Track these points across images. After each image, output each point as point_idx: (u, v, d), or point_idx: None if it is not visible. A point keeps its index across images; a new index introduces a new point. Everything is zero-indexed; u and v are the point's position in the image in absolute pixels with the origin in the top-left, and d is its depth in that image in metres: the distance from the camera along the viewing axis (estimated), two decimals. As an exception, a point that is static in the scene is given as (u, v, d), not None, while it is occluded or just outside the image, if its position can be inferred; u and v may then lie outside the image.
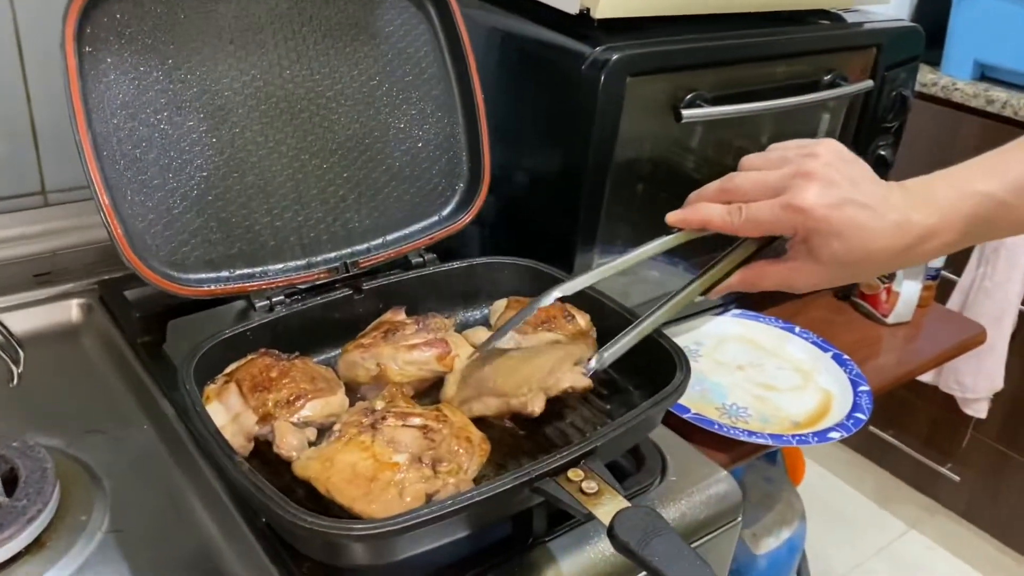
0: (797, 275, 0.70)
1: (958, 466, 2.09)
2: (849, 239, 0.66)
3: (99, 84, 0.74)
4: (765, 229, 0.70)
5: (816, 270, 0.69)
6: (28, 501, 0.69)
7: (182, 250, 0.80)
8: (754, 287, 0.73)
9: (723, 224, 0.72)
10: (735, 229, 0.71)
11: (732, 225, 0.71)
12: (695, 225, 0.74)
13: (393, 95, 0.90)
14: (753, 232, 0.71)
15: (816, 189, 0.66)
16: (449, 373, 0.80)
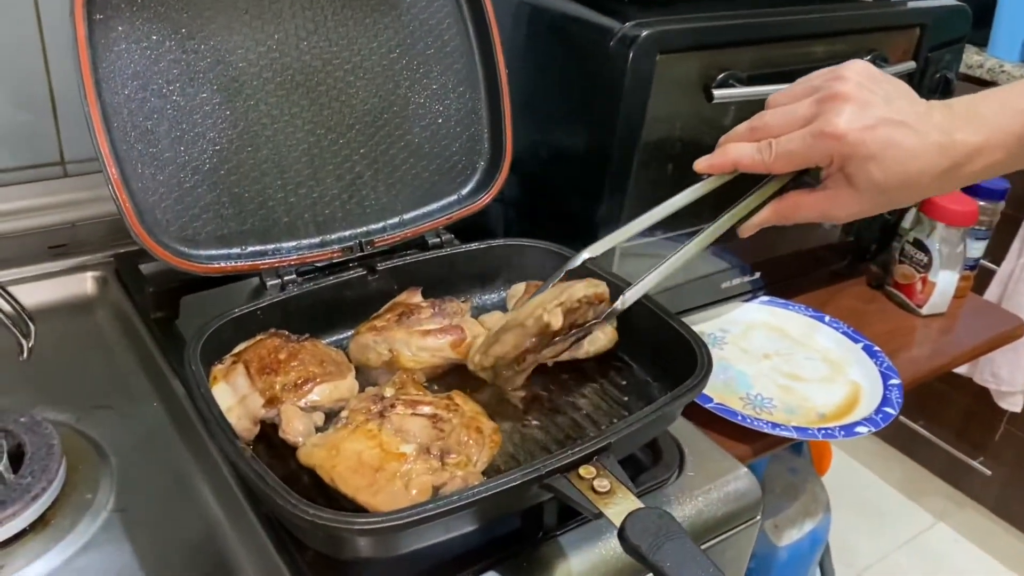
0: (834, 204, 0.66)
1: (990, 460, 2.05)
2: (887, 161, 0.62)
3: (109, 53, 0.72)
4: (798, 162, 0.66)
5: (854, 197, 0.65)
6: (33, 478, 0.69)
7: (193, 225, 0.78)
8: (788, 219, 0.69)
9: (754, 162, 0.68)
10: (767, 166, 0.68)
11: (764, 162, 0.67)
12: (726, 168, 0.70)
13: (413, 68, 0.87)
14: (786, 167, 0.67)
15: (849, 112, 0.62)
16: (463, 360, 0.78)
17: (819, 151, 0.64)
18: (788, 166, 0.67)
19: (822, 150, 0.64)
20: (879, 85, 0.64)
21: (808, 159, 0.66)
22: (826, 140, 0.63)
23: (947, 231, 1.16)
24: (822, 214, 0.67)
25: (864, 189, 0.64)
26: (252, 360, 0.71)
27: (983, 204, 1.20)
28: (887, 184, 0.63)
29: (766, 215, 0.70)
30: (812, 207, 0.67)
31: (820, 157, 0.65)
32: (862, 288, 1.26)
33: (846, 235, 1.22)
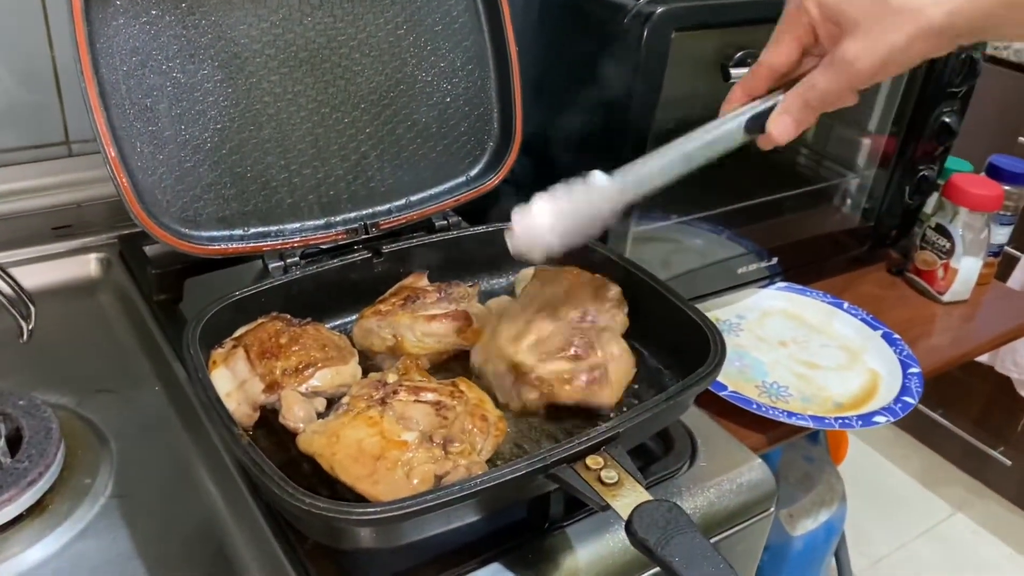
0: (845, 57, 0.59)
1: (1011, 450, 2.02)
2: None
3: (107, 28, 0.70)
4: (785, 37, 0.62)
5: (856, 35, 0.58)
6: (30, 463, 0.68)
7: (194, 206, 0.77)
8: (811, 96, 0.62)
9: (752, 74, 0.65)
10: (763, 64, 0.64)
11: (758, 64, 0.64)
12: (738, 100, 0.66)
13: (421, 45, 0.85)
14: (778, 53, 0.63)
15: None
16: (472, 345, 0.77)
17: (792, 12, 0.61)
18: (778, 48, 0.63)
19: (794, 7, 0.61)
20: None
21: (788, 30, 0.62)
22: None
23: (970, 216, 1.13)
24: (834, 64, 0.60)
25: (852, 12, 0.58)
26: (252, 344, 0.69)
27: (1008, 188, 1.17)
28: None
29: (788, 103, 0.63)
30: (823, 67, 0.61)
31: (795, 17, 0.61)
32: (882, 274, 1.24)
33: (866, 220, 1.20)
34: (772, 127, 0.63)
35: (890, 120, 1.14)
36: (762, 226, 1.10)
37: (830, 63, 0.59)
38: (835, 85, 0.60)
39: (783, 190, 1.12)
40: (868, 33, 0.57)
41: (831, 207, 1.20)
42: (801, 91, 0.62)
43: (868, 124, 1.16)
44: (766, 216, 1.11)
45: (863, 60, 0.58)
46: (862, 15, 0.57)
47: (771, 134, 0.63)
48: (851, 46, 0.58)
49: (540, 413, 0.71)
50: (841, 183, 1.20)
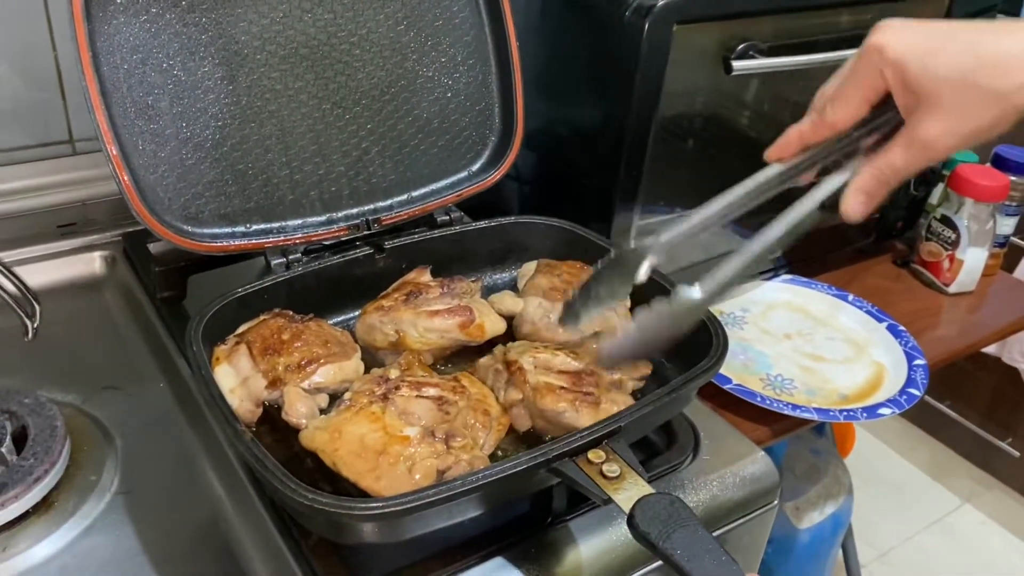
0: (921, 129, 0.56)
1: (1019, 441, 2.01)
2: (943, 52, 0.54)
3: (107, 26, 0.70)
4: (852, 95, 0.59)
5: (935, 108, 0.55)
6: (36, 460, 0.68)
7: (196, 203, 0.77)
8: (886, 173, 0.59)
9: (812, 126, 0.61)
10: (826, 120, 0.60)
11: (821, 119, 0.60)
12: (791, 145, 0.63)
13: (421, 41, 0.85)
14: (845, 112, 0.59)
15: (885, 28, 0.56)
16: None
17: (865, 72, 0.57)
18: (846, 110, 0.59)
19: (868, 68, 0.57)
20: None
21: (859, 89, 0.58)
22: (870, 55, 0.56)
23: (976, 207, 1.12)
24: (913, 144, 0.57)
25: (937, 88, 0.54)
26: (255, 341, 0.69)
27: (1014, 179, 1.17)
28: (958, 68, 0.54)
29: (863, 181, 0.59)
30: (902, 146, 0.57)
31: (868, 76, 0.57)
32: (887, 266, 1.24)
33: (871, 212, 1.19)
34: (848, 207, 0.60)
35: (895, 111, 1.13)
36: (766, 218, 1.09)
37: (909, 143, 0.56)
38: (914, 165, 0.57)
39: (787, 182, 1.12)
40: (952, 113, 0.55)
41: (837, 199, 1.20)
42: (878, 170, 0.58)
43: (872, 115, 1.16)
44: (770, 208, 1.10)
45: (946, 141, 0.56)
46: (947, 94, 0.54)
47: (847, 214, 0.60)
48: (933, 126, 0.55)
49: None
50: (846, 175, 1.19)
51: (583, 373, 0.69)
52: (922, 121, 0.55)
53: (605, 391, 0.68)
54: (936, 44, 0.54)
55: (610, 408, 0.66)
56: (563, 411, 0.66)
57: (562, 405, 0.66)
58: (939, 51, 0.54)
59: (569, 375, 0.69)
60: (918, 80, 0.54)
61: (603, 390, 0.68)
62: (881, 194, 0.59)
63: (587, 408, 0.66)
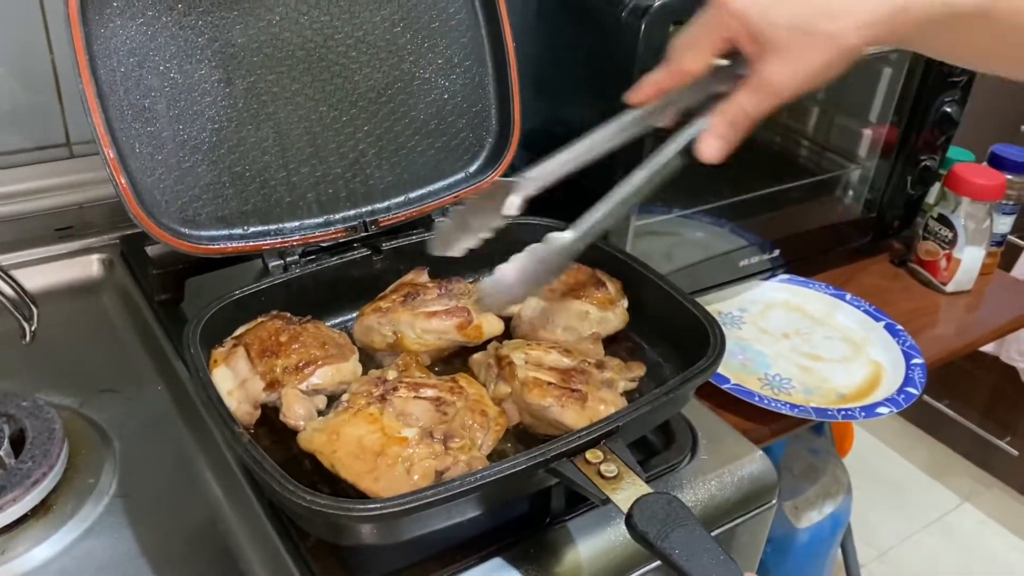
0: (768, 72, 0.60)
1: (1018, 440, 2.01)
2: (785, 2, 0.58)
3: (104, 29, 0.70)
4: (703, 47, 0.63)
5: (779, 52, 0.59)
6: (33, 463, 0.68)
7: (193, 206, 0.77)
8: (737, 116, 0.63)
9: (666, 74, 0.65)
10: (679, 68, 0.64)
11: (674, 67, 0.64)
12: (649, 93, 0.67)
13: (418, 42, 0.85)
14: (695, 60, 0.63)
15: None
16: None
17: (712, 24, 0.61)
18: (696, 57, 0.63)
19: (715, 20, 0.61)
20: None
21: (708, 37, 0.62)
22: (716, 9, 0.60)
23: (973, 206, 1.13)
24: (759, 87, 0.61)
25: (776, 34, 0.58)
26: (253, 343, 0.69)
27: (1011, 178, 1.17)
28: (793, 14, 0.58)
29: (715, 125, 0.63)
30: (750, 91, 0.61)
31: (716, 27, 0.61)
32: (885, 265, 1.24)
33: (868, 211, 1.19)
34: (704, 150, 0.64)
35: (891, 110, 1.13)
36: (764, 218, 1.10)
37: (756, 86, 0.61)
38: (762, 106, 0.61)
39: (785, 182, 1.12)
40: (792, 57, 0.58)
41: (833, 198, 1.20)
42: (730, 114, 0.62)
43: (869, 115, 1.16)
44: (768, 208, 1.10)
45: (788, 83, 0.59)
46: (787, 40, 0.58)
47: (702, 156, 0.64)
48: (777, 70, 0.59)
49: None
50: (843, 174, 1.19)
51: (574, 371, 0.69)
52: (767, 66, 0.59)
53: (594, 389, 0.68)
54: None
55: (597, 406, 0.66)
56: (548, 406, 0.66)
57: (548, 400, 0.66)
58: (778, 2, 0.58)
59: (559, 372, 0.69)
60: (760, 29, 0.59)
61: (592, 388, 0.68)
62: (734, 137, 0.63)
63: (573, 404, 0.66)
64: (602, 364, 0.72)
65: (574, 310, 0.78)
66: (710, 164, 0.64)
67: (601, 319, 0.78)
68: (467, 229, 0.71)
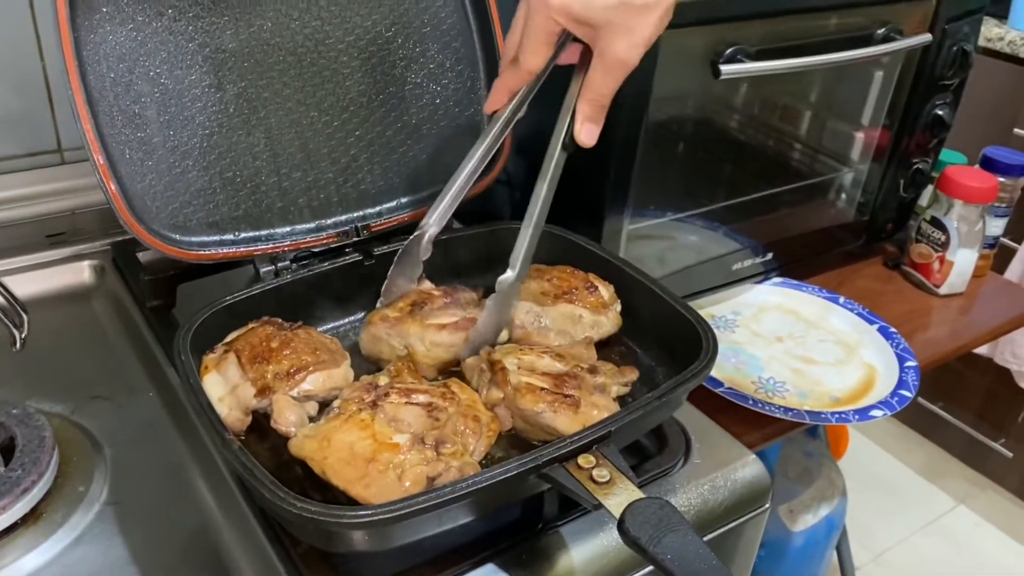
0: (607, 47, 0.65)
1: (1012, 441, 2.02)
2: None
3: (93, 35, 0.70)
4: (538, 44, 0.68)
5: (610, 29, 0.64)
6: (23, 471, 0.68)
7: (184, 211, 0.77)
8: (597, 97, 0.68)
9: (513, 76, 0.71)
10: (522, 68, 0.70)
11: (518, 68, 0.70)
12: (504, 97, 0.73)
13: (409, 47, 0.85)
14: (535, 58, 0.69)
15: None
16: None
17: (539, 23, 0.66)
18: (535, 54, 0.68)
19: (541, 19, 0.65)
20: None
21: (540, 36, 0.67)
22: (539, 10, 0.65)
23: (965, 208, 1.13)
24: (608, 65, 0.66)
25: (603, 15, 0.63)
26: (243, 349, 0.69)
27: (1003, 180, 1.17)
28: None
29: (580, 108, 0.69)
30: (598, 69, 0.66)
31: (545, 26, 0.66)
32: (878, 268, 1.24)
33: (861, 214, 1.20)
34: (583, 136, 0.69)
35: (883, 113, 1.13)
36: (757, 222, 1.10)
37: (604, 65, 0.65)
38: (616, 81, 0.66)
39: (777, 185, 1.12)
40: (625, 28, 0.63)
41: (826, 201, 1.20)
42: (590, 97, 0.68)
43: (861, 118, 1.16)
44: (761, 212, 1.10)
45: (631, 52, 0.64)
46: (614, 16, 0.63)
47: (583, 141, 0.70)
48: (616, 46, 0.64)
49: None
50: (836, 177, 1.19)
51: (566, 376, 0.69)
52: (607, 44, 0.64)
53: (587, 394, 0.68)
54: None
55: (590, 411, 0.66)
56: (541, 411, 0.66)
57: (540, 406, 0.66)
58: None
59: (552, 377, 0.69)
60: (587, 15, 0.63)
61: (585, 393, 0.68)
62: (602, 116, 0.69)
63: (565, 410, 0.66)
64: (595, 369, 0.71)
65: (567, 314, 0.78)
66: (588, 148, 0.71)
67: (594, 323, 0.78)
68: (400, 286, 0.80)
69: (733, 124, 1.09)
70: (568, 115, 0.71)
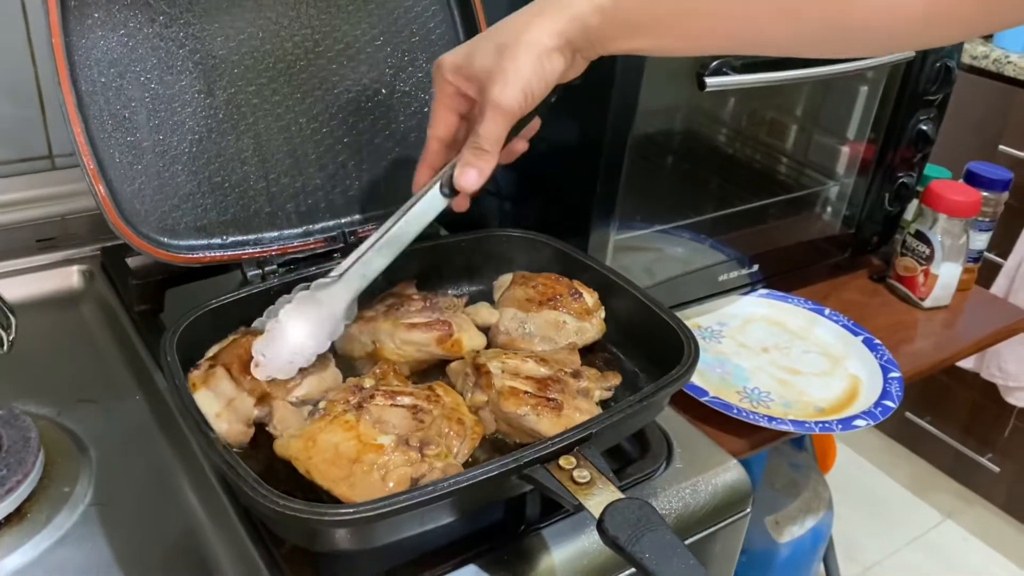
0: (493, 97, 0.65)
1: (998, 456, 2.02)
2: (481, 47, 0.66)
3: (84, 40, 0.71)
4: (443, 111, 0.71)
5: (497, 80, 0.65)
6: (8, 471, 0.68)
7: (173, 215, 0.77)
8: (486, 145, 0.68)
9: (430, 154, 0.72)
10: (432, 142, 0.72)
11: (430, 143, 0.72)
12: (428, 176, 0.73)
13: (398, 56, 0.86)
14: (442, 127, 0.71)
15: (443, 55, 0.69)
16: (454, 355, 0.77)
17: (440, 89, 0.70)
18: (441, 123, 0.71)
19: (439, 85, 0.69)
20: None
21: (442, 103, 0.70)
22: (435, 76, 0.70)
23: (949, 222, 1.14)
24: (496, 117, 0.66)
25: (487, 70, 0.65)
26: (232, 362, 0.69)
27: (986, 195, 1.18)
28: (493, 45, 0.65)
29: (464, 155, 0.69)
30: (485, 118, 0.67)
31: (442, 91, 0.70)
32: (864, 281, 1.24)
33: (847, 227, 1.21)
34: (461, 181, 0.68)
35: (868, 128, 1.15)
36: (743, 233, 1.11)
37: (484, 111, 0.66)
38: (496, 126, 0.66)
39: (764, 198, 1.13)
40: (500, 76, 0.64)
41: (812, 214, 1.21)
42: (471, 143, 0.68)
43: (847, 132, 1.17)
44: (747, 224, 1.11)
45: (507, 96, 0.65)
46: (491, 65, 0.65)
47: (462, 187, 0.68)
48: (493, 91, 0.65)
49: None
50: (821, 191, 1.21)
51: (550, 380, 0.70)
52: (489, 93, 0.65)
53: (570, 398, 0.68)
54: (473, 46, 0.67)
55: (573, 415, 0.67)
56: (524, 414, 0.67)
57: (524, 408, 0.67)
58: (475, 46, 0.67)
59: (535, 381, 0.69)
60: (471, 73, 0.67)
61: (568, 397, 0.68)
62: (487, 164, 0.68)
63: (549, 413, 0.67)
64: (578, 373, 0.72)
65: (551, 320, 0.78)
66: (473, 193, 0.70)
67: (578, 329, 0.79)
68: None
69: (720, 137, 1.10)
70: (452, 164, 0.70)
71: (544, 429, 0.66)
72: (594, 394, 0.71)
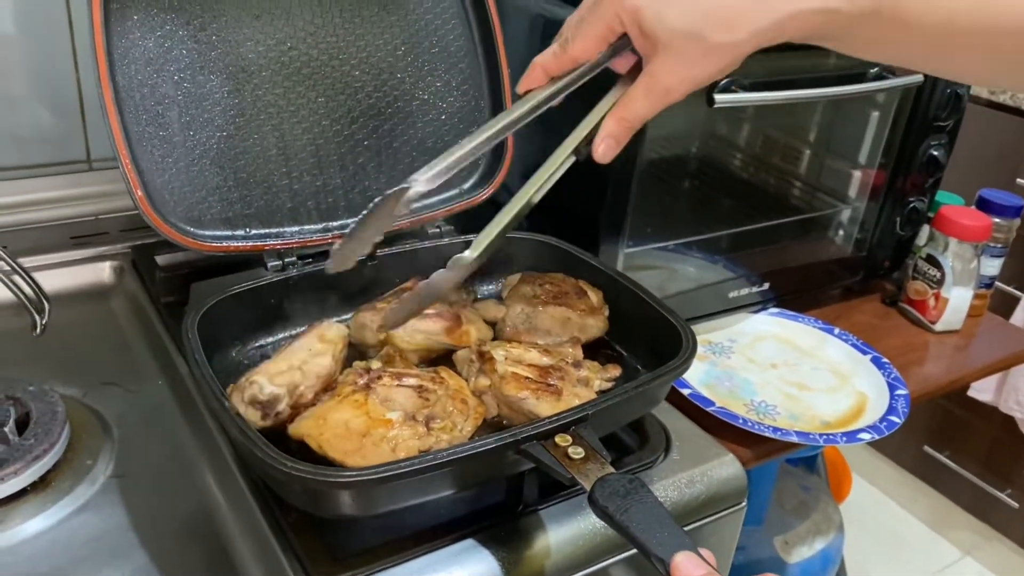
0: (659, 74, 0.59)
1: (1018, 492, 1.99)
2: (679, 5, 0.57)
3: (124, 40, 0.76)
4: (591, 35, 0.62)
5: (670, 55, 0.58)
6: (36, 441, 0.72)
7: (200, 207, 0.81)
8: (630, 119, 0.62)
9: (554, 58, 0.64)
10: (567, 53, 0.64)
11: (563, 51, 0.64)
12: (539, 79, 0.66)
13: (418, 66, 0.90)
14: (584, 47, 0.63)
15: None
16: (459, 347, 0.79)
17: (605, 13, 0.60)
18: (585, 43, 0.62)
19: (608, 10, 0.60)
20: None
21: (598, 27, 0.61)
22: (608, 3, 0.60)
23: (960, 246, 1.15)
24: (653, 91, 0.60)
25: (671, 39, 0.57)
26: None
27: (997, 221, 1.20)
28: (689, 23, 0.57)
29: (609, 126, 0.63)
30: (641, 90, 0.61)
31: (608, 21, 0.60)
32: (876, 305, 1.25)
33: (859, 251, 1.22)
34: (600, 150, 0.63)
35: (879, 153, 1.16)
36: (755, 252, 1.12)
37: (649, 89, 0.60)
38: (654, 109, 0.61)
39: (776, 218, 1.15)
40: (685, 62, 0.58)
41: (824, 237, 1.23)
42: (621, 115, 0.62)
43: (858, 157, 1.19)
44: (759, 243, 1.13)
45: (680, 86, 0.59)
46: (679, 44, 0.57)
47: (598, 156, 0.64)
48: (670, 74, 0.59)
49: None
50: (833, 214, 1.22)
51: (551, 368, 0.72)
52: (660, 68, 0.59)
53: (570, 385, 0.71)
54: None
55: (571, 401, 0.69)
56: (524, 398, 0.69)
57: (524, 393, 0.69)
58: (672, 3, 0.57)
59: (537, 369, 0.72)
60: (653, 29, 0.57)
61: (568, 384, 0.71)
62: (626, 137, 0.63)
63: (548, 398, 0.69)
64: (579, 363, 0.75)
65: (557, 316, 0.81)
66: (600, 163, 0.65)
67: (582, 326, 0.81)
68: (361, 241, 0.70)
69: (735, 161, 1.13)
70: (593, 122, 0.65)
71: (543, 412, 0.69)
72: (594, 383, 0.73)
